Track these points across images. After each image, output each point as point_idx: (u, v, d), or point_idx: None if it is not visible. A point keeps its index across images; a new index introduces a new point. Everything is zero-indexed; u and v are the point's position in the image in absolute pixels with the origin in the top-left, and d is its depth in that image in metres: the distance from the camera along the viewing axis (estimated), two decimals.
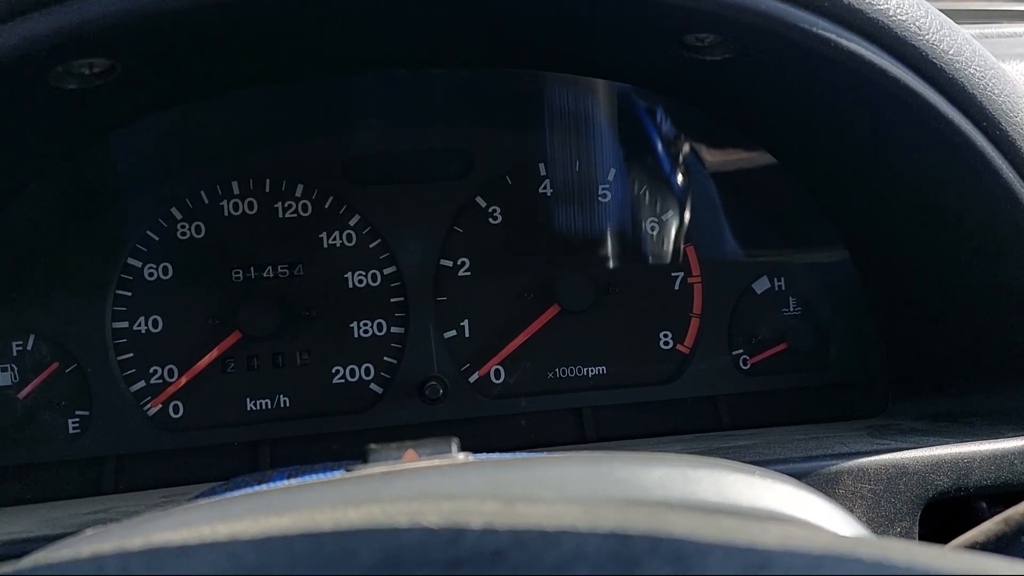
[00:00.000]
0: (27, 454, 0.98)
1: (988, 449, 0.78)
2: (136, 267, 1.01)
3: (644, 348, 1.09)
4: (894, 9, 0.67)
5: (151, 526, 0.42)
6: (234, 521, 0.40)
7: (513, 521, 0.38)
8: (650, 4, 0.63)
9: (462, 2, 0.68)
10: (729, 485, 0.47)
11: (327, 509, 0.40)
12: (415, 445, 0.54)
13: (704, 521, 0.37)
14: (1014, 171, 0.73)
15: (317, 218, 1.05)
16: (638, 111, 1.08)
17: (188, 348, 1.01)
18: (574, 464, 0.47)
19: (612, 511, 0.38)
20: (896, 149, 0.80)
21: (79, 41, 0.59)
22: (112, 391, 1.00)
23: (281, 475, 0.59)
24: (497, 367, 1.07)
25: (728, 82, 0.81)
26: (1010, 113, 0.72)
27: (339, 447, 1.03)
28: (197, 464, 1.01)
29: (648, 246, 1.10)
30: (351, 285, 1.05)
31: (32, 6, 0.57)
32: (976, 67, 0.71)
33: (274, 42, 0.73)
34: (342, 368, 1.05)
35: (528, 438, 1.06)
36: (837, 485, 0.77)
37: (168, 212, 1.02)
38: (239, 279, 1.03)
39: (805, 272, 1.11)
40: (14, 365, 0.99)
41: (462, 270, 1.07)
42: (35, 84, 0.63)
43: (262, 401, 1.04)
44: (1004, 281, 0.84)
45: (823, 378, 1.10)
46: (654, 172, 1.10)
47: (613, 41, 0.74)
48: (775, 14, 0.64)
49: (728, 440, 0.96)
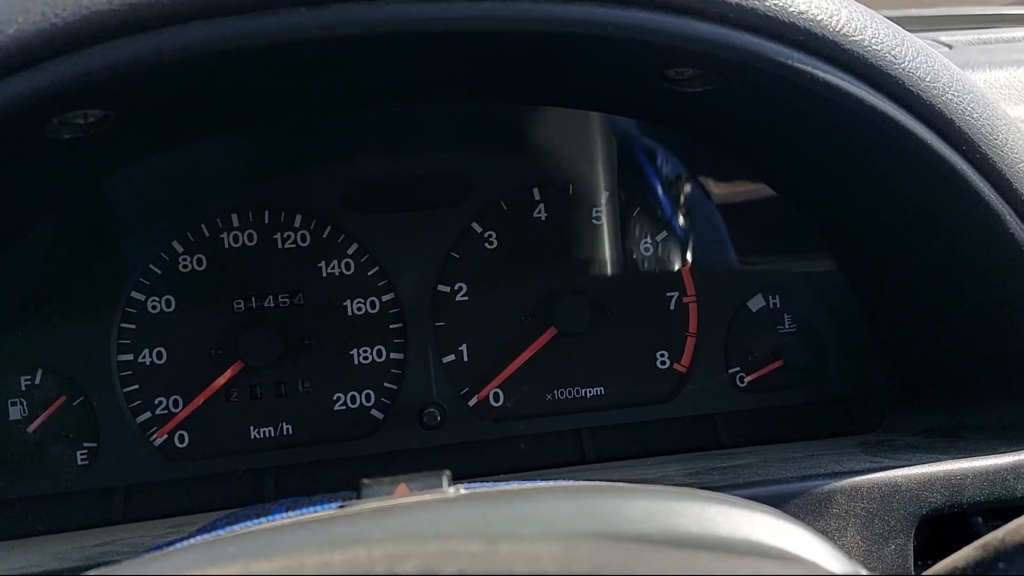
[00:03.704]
0: (37, 486, 1.00)
1: (981, 465, 0.79)
2: (139, 300, 1.03)
3: (641, 368, 1.10)
4: (869, 40, 0.68)
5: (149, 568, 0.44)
6: (227, 563, 0.42)
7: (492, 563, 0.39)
8: (628, 43, 0.64)
9: (454, 44, 0.69)
10: (710, 517, 0.48)
11: (314, 552, 0.41)
12: (407, 479, 0.55)
13: (678, 561, 0.38)
14: (995, 191, 0.74)
15: (316, 248, 1.06)
16: (631, 135, 1.10)
17: (192, 378, 1.03)
18: (558, 498, 0.48)
19: (588, 552, 0.40)
20: (881, 172, 0.81)
21: (72, 94, 0.61)
22: (119, 422, 1.02)
23: (280, 508, 0.61)
24: (496, 390, 1.09)
25: (712, 111, 0.82)
26: (989, 136, 0.73)
27: (342, 473, 1.04)
28: (203, 492, 1.03)
29: (643, 267, 1.11)
30: (350, 313, 1.07)
31: (25, 63, 0.59)
32: (954, 92, 0.72)
33: (266, 88, 0.75)
34: (343, 395, 1.07)
35: (528, 460, 1.07)
36: (831, 504, 0.77)
37: (169, 245, 1.04)
38: (240, 310, 1.05)
39: (800, 289, 1.12)
40: (23, 400, 1.01)
41: (459, 295, 1.09)
42: (32, 136, 0.66)
43: (265, 429, 1.05)
44: (995, 297, 0.84)
45: (820, 394, 1.10)
46: (647, 194, 1.12)
47: (598, 76, 0.76)
48: (751, 49, 0.65)
49: (725, 459, 0.96)
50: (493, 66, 0.77)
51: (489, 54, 0.73)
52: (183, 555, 0.45)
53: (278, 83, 0.74)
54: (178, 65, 0.61)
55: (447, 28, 0.64)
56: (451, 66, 0.77)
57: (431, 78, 0.81)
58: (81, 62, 0.59)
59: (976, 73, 1.18)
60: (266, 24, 0.60)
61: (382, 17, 0.62)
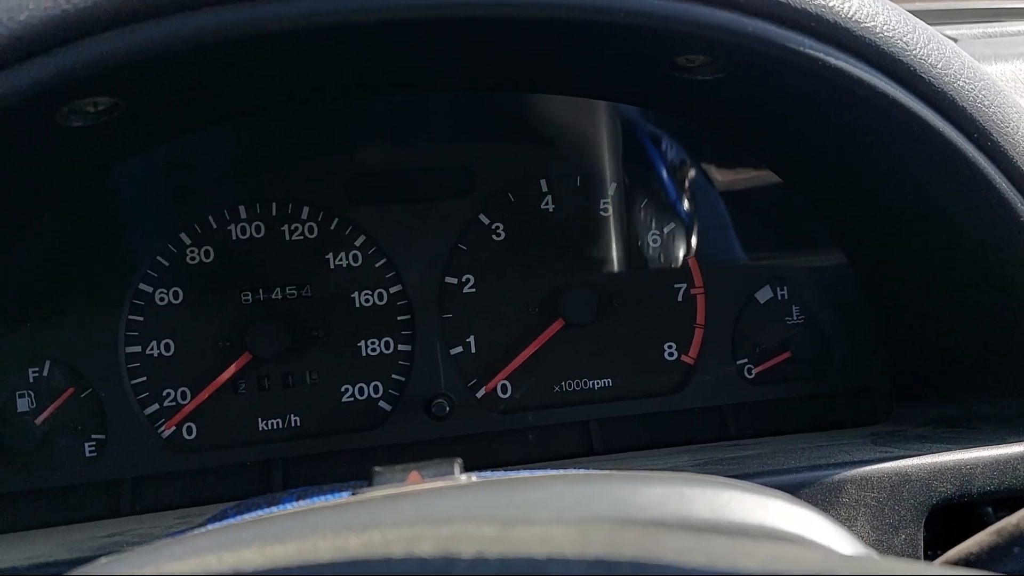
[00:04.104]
0: (46, 478, 1.00)
1: (991, 455, 0.79)
2: (147, 292, 1.03)
3: (649, 360, 1.10)
4: (881, 26, 0.68)
5: (163, 554, 0.44)
6: (241, 549, 0.42)
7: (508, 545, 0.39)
8: (638, 29, 0.64)
9: (460, 30, 0.69)
10: (724, 503, 0.48)
11: (329, 536, 0.41)
12: (419, 467, 0.55)
13: (692, 544, 0.38)
14: (1007, 180, 0.74)
15: (323, 239, 1.06)
16: (638, 125, 1.10)
17: (200, 370, 1.03)
18: (572, 484, 0.48)
19: (602, 535, 0.40)
20: (890, 162, 0.81)
21: (83, 82, 0.61)
22: (127, 414, 1.02)
23: (291, 497, 0.61)
24: (504, 382, 1.09)
25: (721, 100, 0.82)
26: (1001, 124, 0.72)
27: (350, 465, 1.04)
28: (211, 484, 1.03)
29: (650, 258, 1.11)
30: (358, 304, 1.07)
31: (37, 49, 0.59)
32: (965, 80, 0.71)
33: (275, 76, 0.75)
34: (351, 386, 1.07)
35: (536, 452, 1.07)
36: (841, 494, 0.77)
37: (177, 237, 1.04)
38: (248, 301, 1.05)
39: (807, 281, 1.11)
40: (31, 391, 1.01)
41: (467, 287, 1.08)
42: (42, 124, 0.65)
43: (273, 421, 1.05)
44: (1003, 287, 0.84)
45: (827, 386, 1.10)
46: (655, 185, 1.11)
47: (606, 65, 0.76)
48: (762, 35, 0.65)
49: (734, 450, 0.96)
50: (500, 55, 0.77)
51: (497, 42, 0.73)
52: (197, 540, 0.45)
53: (286, 70, 0.74)
54: (188, 52, 0.60)
55: (456, 15, 0.64)
56: (458, 54, 0.77)
57: (438, 67, 0.81)
58: (92, 49, 0.59)
59: (981, 66, 1.18)
60: (276, 11, 0.60)
61: (391, 4, 0.62)
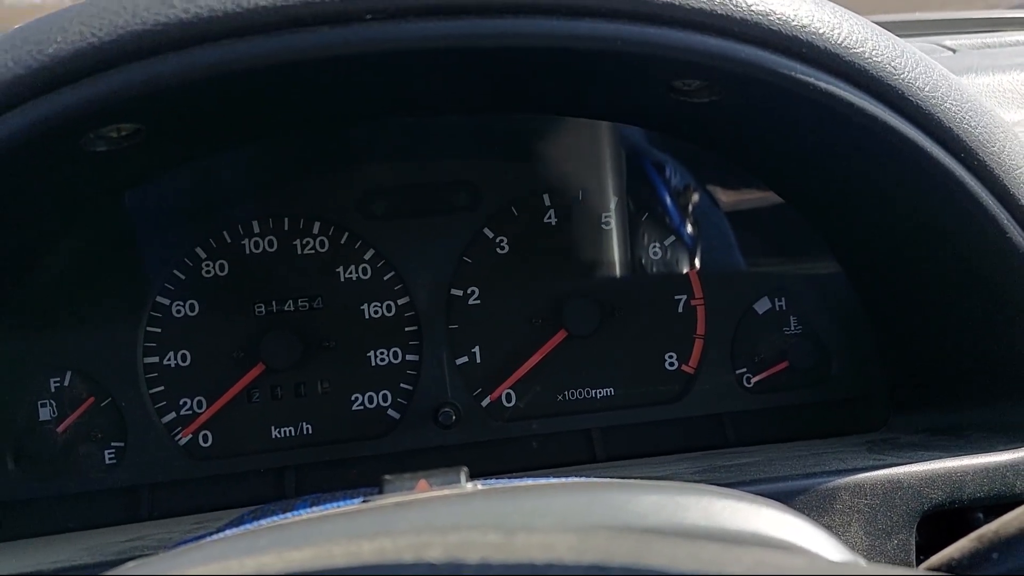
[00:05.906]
0: (67, 485, 1.03)
1: (981, 463, 0.81)
2: (165, 304, 1.07)
3: (650, 369, 1.13)
4: (870, 51, 0.71)
5: (187, 559, 0.47)
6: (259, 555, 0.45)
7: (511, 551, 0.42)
8: (636, 56, 0.67)
9: (465, 59, 0.72)
10: (718, 511, 0.51)
11: (344, 543, 0.44)
12: (427, 475, 0.58)
13: (681, 551, 0.41)
14: (992, 196, 0.76)
15: (334, 253, 1.09)
16: (638, 142, 1.12)
17: (215, 380, 1.07)
18: (572, 493, 0.51)
19: (599, 541, 0.42)
20: (882, 180, 0.83)
21: (108, 110, 0.64)
22: (145, 423, 1.05)
23: (305, 503, 0.64)
24: (508, 391, 1.11)
25: (717, 121, 0.85)
26: (987, 143, 0.75)
27: (360, 471, 1.07)
28: (226, 490, 1.06)
29: (651, 270, 1.14)
30: (367, 316, 1.10)
31: (65, 80, 0.63)
32: (952, 101, 0.74)
33: (293, 103, 0.78)
34: (360, 395, 1.10)
35: (540, 459, 1.10)
36: (835, 500, 0.79)
37: (193, 252, 1.07)
38: (261, 313, 1.08)
39: (805, 292, 1.14)
40: (53, 400, 1.04)
41: (472, 299, 1.11)
42: (68, 148, 0.69)
43: (286, 429, 1.08)
44: (995, 301, 0.86)
45: (825, 395, 1.13)
46: (655, 200, 1.14)
47: (607, 89, 0.78)
48: (755, 61, 0.68)
49: (733, 458, 0.99)
50: (504, 80, 0.80)
51: (501, 69, 0.76)
52: (216, 547, 0.48)
53: (300, 97, 0.77)
54: (208, 82, 0.64)
55: (461, 45, 0.67)
56: (464, 80, 0.80)
57: (445, 91, 0.84)
58: (117, 80, 0.62)
59: (979, 77, 1.20)
60: (292, 43, 0.64)
61: (401, 35, 0.65)
